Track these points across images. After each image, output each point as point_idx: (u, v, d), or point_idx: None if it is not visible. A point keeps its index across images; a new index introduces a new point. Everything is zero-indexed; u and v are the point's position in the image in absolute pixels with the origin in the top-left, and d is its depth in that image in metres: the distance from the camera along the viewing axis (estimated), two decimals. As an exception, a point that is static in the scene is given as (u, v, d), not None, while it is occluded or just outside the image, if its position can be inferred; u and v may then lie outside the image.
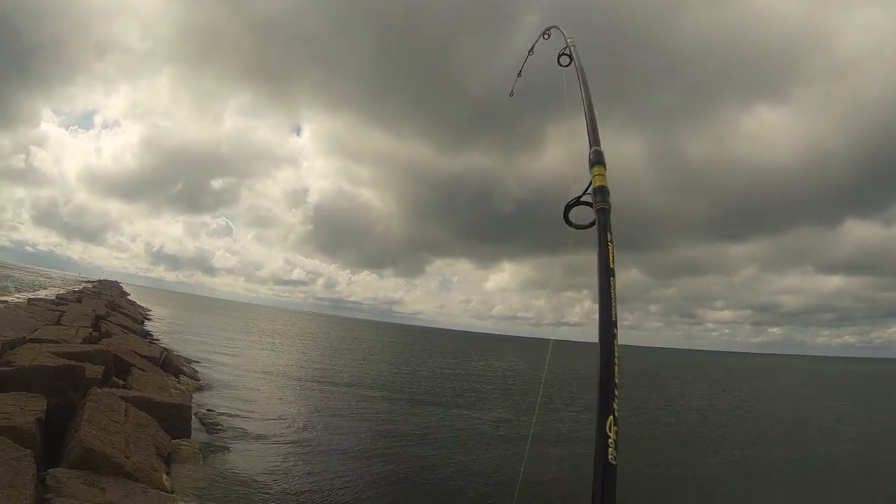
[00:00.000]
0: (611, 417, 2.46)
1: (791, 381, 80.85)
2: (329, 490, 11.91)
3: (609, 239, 2.88)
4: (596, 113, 3.61)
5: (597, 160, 3.22)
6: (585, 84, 3.86)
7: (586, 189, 3.18)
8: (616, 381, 2.55)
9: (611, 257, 2.82)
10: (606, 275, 2.77)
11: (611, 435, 2.43)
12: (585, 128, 3.50)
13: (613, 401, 2.52)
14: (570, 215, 3.27)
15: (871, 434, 28.77)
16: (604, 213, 2.99)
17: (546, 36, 5.33)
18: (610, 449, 2.40)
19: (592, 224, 3.08)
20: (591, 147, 3.33)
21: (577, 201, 3.23)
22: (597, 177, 3.14)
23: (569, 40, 4.39)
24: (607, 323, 2.69)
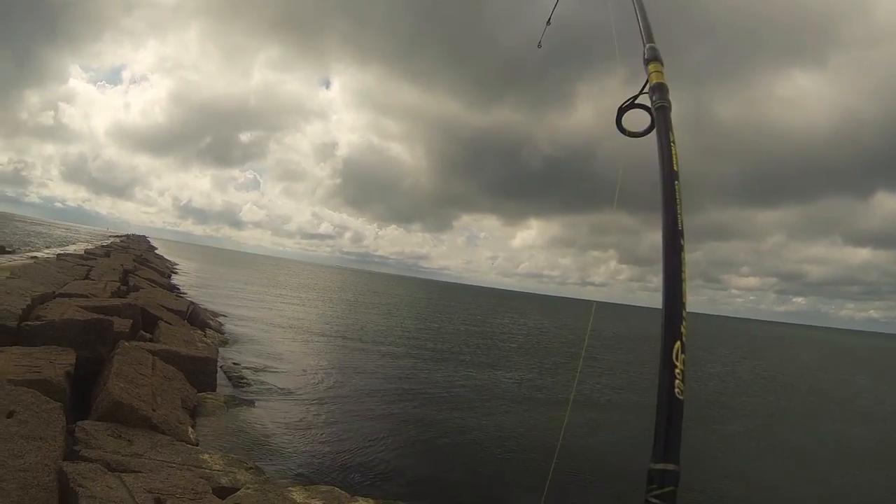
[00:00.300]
0: (678, 344, 2.24)
1: (814, 352, 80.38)
2: (350, 447, 12.06)
3: (671, 139, 2.65)
4: (647, 9, 3.28)
5: (652, 56, 2.94)
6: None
7: (642, 88, 2.94)
8: (684, 300, 2.33)
9: (674, 159, 2.60)
10: (670, 179, 2.55)
11: (678, 364, 2.22)
12: (637, 25, 3.21)
13: (681, 323, 2.28)
14: (622, 121, 3.04)
15: (888, 411, 28.68)
16: (664, 111, 2.75)
17: None
18: (677, 381, 2.20)
19: (649, 130, 2.89)
20: (644, 44, 3.05)
21: (632, 103, 3.00)
22: (653, 74, 2.87)
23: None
24: (673, 233, 2.46)
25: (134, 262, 39.11)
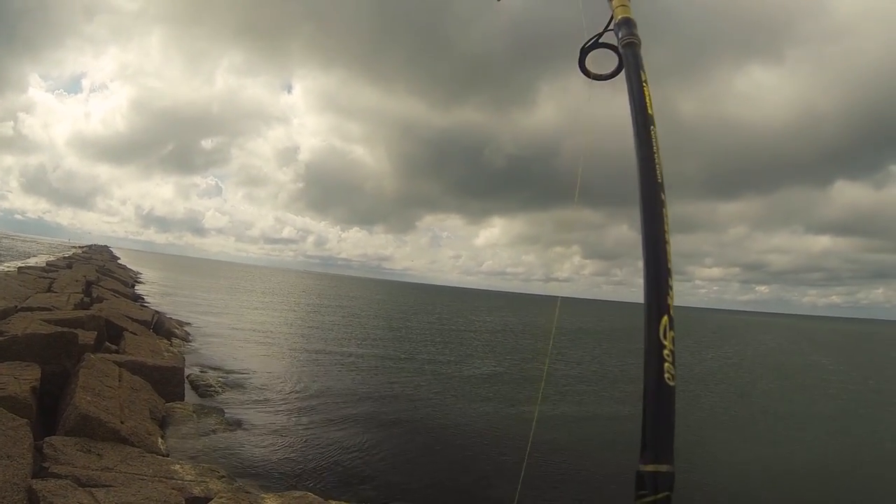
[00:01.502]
0: (665, 319, 1.96)
1: (777, 338, 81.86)
2: (321, 451, 12.10)
3: (643, 79, 2.35)
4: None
5: None
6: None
7: (607, 25, 2.64)
8: (669, 265, 2.04)
9: (648, 101, 2.30)
10: (645, 123, 2.27)
11: (666, 343, 1.94)
12: None
13: (668, 293, 2.00)
14: (586, 62, 2.76)
15: (851, 390, 29.74)
16: (632, 48, 2.46)
17: None
18: (666, 364, 1.92)
19: (617, 71, 2.64)
20: None
21: (596, 42, 2.70)
22: (619, 8, 2.54)
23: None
24: (652, 187, 2.18)
25: (97, 272, 38.56)
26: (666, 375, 1.90)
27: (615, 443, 15.03)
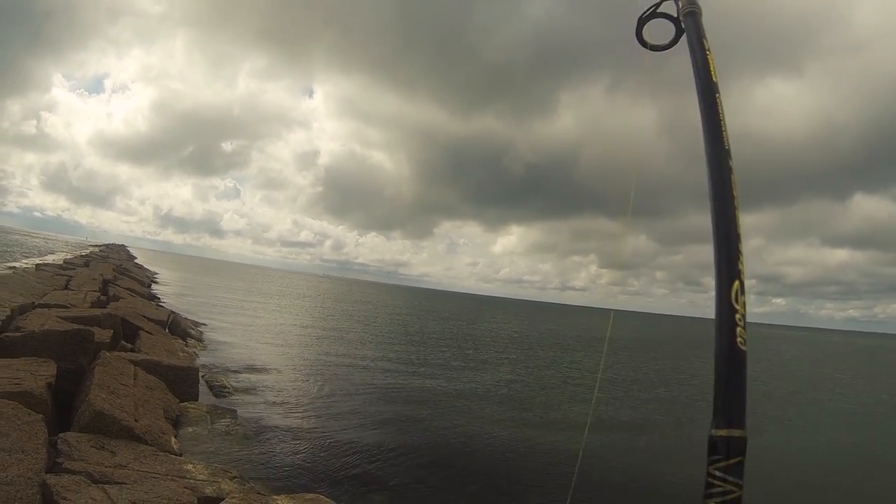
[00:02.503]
0: (736, 283, 2.02)
1: (793, 352, 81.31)
2: (335, 455, 12.04)
3: (706, 47, 2.35)
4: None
5: None
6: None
7: None
8: (738, 232, 2.12)
9: (712, 69, 2.32)
10: (710, 91, 2.28)
11: (738, 308, 1.98)
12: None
13: (739, 259, 2.07)
14: (643, 32, 2.68)
15: (866, 406, 29.23)
16: (693, 17, 2.43)
17: None
18: (738, 329, 1.96)
19: (676, 40, 2.60)
20: None
21: (654, 11, 2.63)
22: None
23: None
24: (719, 152, 2.22)
25: (113, 271, 38.85)
26: (738, 339, 1.93)
27: (665, 454, 14.97)
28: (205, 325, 29.45)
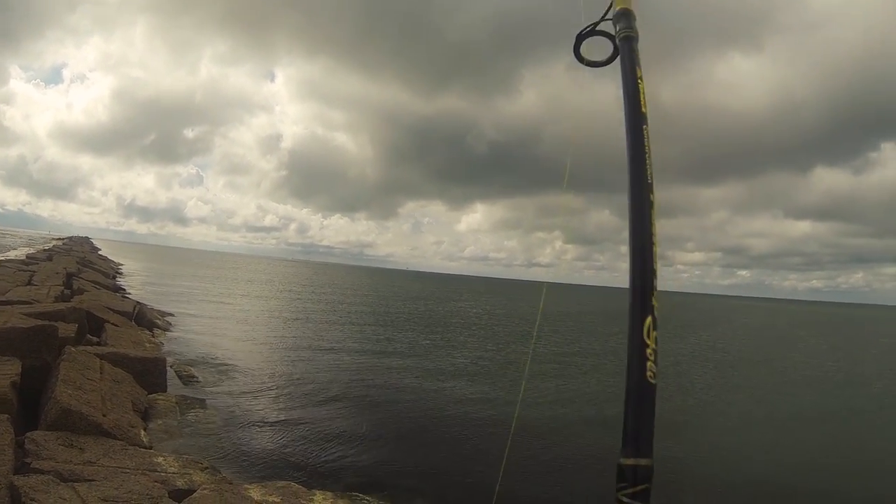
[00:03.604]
0: (649, 319, 2.02)
1: (759, 322, 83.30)
2: (305, 441, 12.12)
3: (638, 75, 2.28)
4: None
5: None
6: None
7: (605, 14, 2.52)
8: (655, 268, 2.07)
9: (642, 98, 2.23)
10: (637, 121, 2.22)
11: (649, 343, 2.01)
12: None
13: (652, 295, 2.05)
14: (581, 49, 2.63)
15: (830, 372, 30.52)
16: (629, 41, 2.37)
17: None
18: (649, 363, 1.99)
19: (613, 58, 2.50)
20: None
21: (593, 29, 2.57)
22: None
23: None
24: (640, 187, 2.16)
25: (77, 264, 38.26)
26: (648, 374, 1.98)
27: (597, 427, 15.24)
28: (171, 314, 29.22)
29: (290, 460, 10.80)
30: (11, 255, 42.17)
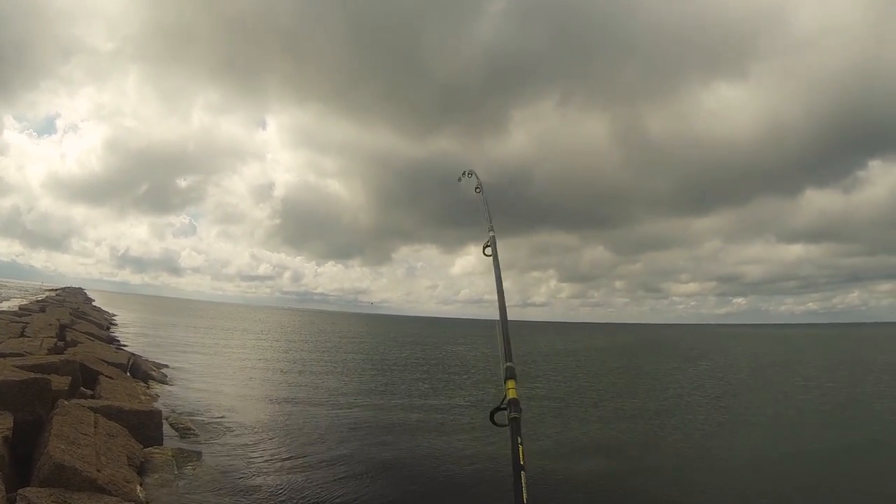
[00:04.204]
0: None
1: (756, 349, 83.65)
2: (301, 492, 11.87)
3: (519, 441, 3.27)
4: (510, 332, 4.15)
5: (509, 375, 3.70)
6: (502, 294, 4.58)
7: (503, 400, 3.58)
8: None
9: (521, 454, 3.20)
10: (517, 469, 3.13)
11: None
12: (500, 343, 4.01)
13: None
14: (495, 417, 3.62)
15: (829, 394, 30.93)
16: (516, 421, 3.42)
17: (477, 190, 6.35)
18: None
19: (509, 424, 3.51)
20: (504, 363, 3.81)
21: (498, 408, 3.62)
22: (510, 390, 3.59)
23: (490, 234, 5.22)
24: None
25: (71, 315, 37.98)
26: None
27: (569, 463, 15.13)
28: (166, 366, 28.87)
29: (290, 513, 10.54)
30: (4, 306, 41.84)
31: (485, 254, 5.11)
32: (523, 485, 3.04)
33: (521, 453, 3.22)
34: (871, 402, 28.24)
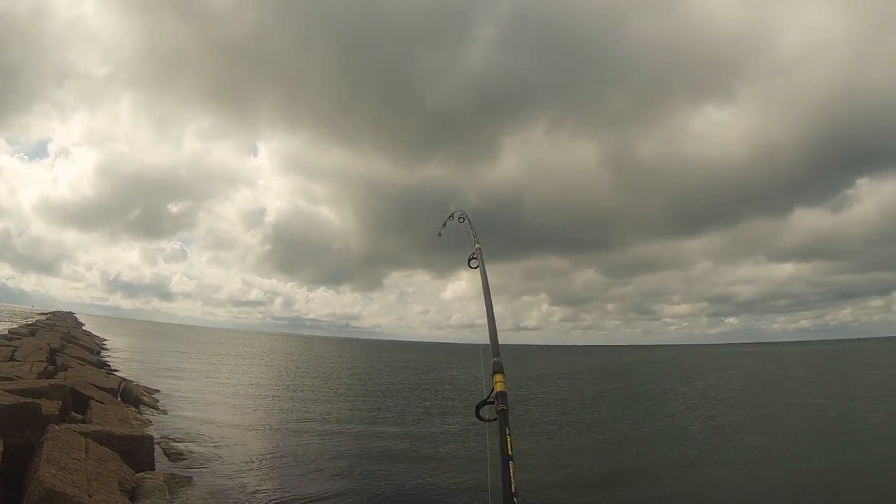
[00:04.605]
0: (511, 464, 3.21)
1: (750, 367, 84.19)
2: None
3: (508, 433, 3.44)
4: (497, 324, 4.43)
5: (497, 369, 3.93)
6: (490, 303, 4.79)
7: (491, 392, 3.79)
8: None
9: (509, 446, 3.35)
10: (505, 459, 3.28)
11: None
12: (490, 339, 4.35)
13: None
14: (480, 412, 3.81)
15: (823, 409, 31.60)
16: (504, 414, 3.60)
17: (461, 220, 6.68)
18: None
19: (496, 418, 3.68)
20: (493, 358, 4.08)
21: (485, 402, 3.81)
22: (498, 384, 3.81)
23: (476, 247, 5.58)
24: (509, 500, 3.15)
25: (61, 340, 37.80)
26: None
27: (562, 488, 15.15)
28: (157, 390, 28.67)
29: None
30: (-7, 330, 41.57)
31: (470, 266, 5.34)
32: (511, 474, 3.14)
33: (508, 444, 3.33)
34: (866, 415, 28.70)
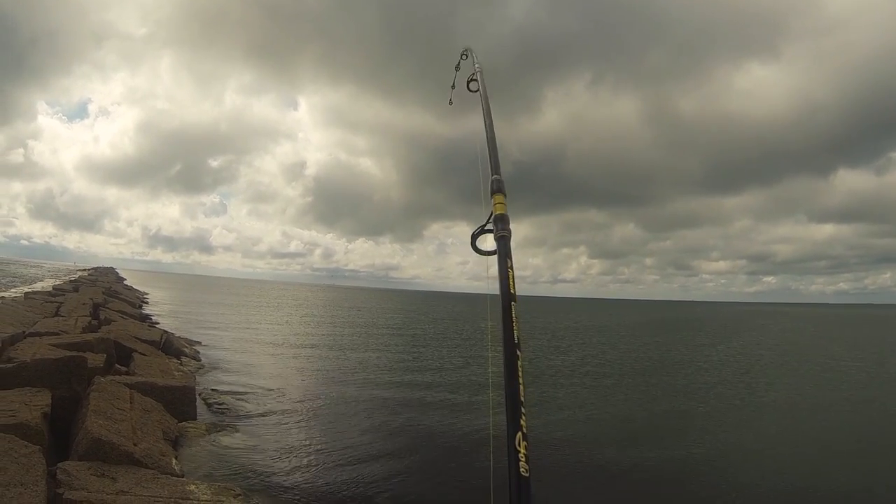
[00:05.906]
0: (519, 434, 2.47)
1: (786, 327, 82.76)
2: (337, 466, 11.94)
3: (509, 265, 2.94)
4: (498, 143, 3.77)
5: (497, 189, 3.34)
6: (489, 114, 4.04)
7: (489, 217, 3.26)
8: (522, 398, 2.55)
9: (511, 283, 2.88)
10: (507, 299, 2.82)
11: (521, 450, 2.43)
12: (488, 155, 3.65)
13: (521, 418, 2.52)
14: (477, 242, 3.33)
15: (857, 374, 30.64)
16: (504, 240, 3.08)
17: (464, 56, 5.30)
18: (521, 462, 2.39)
19: (495, 251, 3.15)
20: (491, 175, 3.45)
21: (482, 230, 3.30)
22: (497, 205, 3.25)
23: (476, 67, 4.58)
24: (510, 346, 2.70)
25: (104, 294, 38.59)
26: (521, 470, 2.32)
27: (592, 436, 15.22)
28: (199, 342, 29.21)
29: (323, 485, 10.64)
30: (38, 286, 42.55)
31: (469, 89, 4.48)
32: (520, 375, 2.60)
33: (511, 282, 2.87)
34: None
